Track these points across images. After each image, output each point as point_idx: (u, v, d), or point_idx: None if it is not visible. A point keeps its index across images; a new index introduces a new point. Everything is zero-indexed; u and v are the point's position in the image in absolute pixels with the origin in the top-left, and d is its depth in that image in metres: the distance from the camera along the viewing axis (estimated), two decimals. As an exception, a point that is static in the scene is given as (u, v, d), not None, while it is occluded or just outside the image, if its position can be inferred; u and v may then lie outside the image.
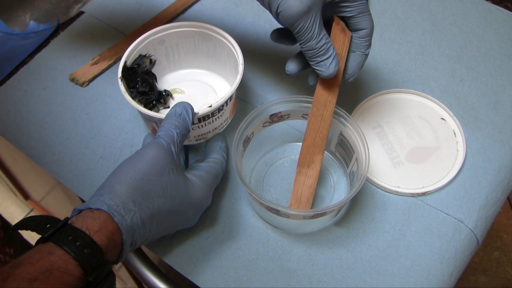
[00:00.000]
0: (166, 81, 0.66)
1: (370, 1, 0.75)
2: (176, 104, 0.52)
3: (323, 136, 0.54)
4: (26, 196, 1.39)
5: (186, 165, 0.60)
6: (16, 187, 1.31)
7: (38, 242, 0.43)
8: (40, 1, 0.76)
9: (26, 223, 0.45)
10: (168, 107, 0.63)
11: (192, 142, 0.59)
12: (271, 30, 0.72)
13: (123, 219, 0.45)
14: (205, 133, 0.58)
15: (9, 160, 1.10)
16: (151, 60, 0.63)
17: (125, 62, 0.59)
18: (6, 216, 1.49)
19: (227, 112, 0.58)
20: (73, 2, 0.76)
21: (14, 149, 0.64)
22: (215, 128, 0.58)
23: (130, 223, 0.45)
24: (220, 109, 0.55)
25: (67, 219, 0.45)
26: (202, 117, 0.54)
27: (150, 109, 0.61)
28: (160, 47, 0.62)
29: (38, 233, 0.43)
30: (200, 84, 0.65)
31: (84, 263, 0.41)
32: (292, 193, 0.55)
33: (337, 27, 0.55)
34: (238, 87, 0.56)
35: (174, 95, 0.64)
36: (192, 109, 0.52)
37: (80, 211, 0.45)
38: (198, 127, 0.56)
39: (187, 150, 0.61)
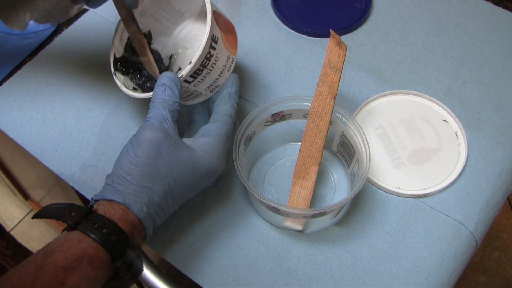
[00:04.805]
0: (172, 45, 0.63)
1: (374, 2, 0.75)
2: (159, 78, 0.51)
3: (318, 147, 0.54)
4: (26, 196, 1.39)
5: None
6: (16, 187, 1.31)
7: (65, 230, 0.45)
8: (40, 1, 0.76)
9: (49, 212, 0.46)
10: (180, 68, 0.62)
11: (209, 95, 0.57)
12: (275, 29, 0.72)
13: (139, 208, 0.46)
14: (212, 82, 0.55)
15: (9, 160, 1.11)
16: (144, 34, 0.60)
17: (114, 54, 0.58)
18: (6, 216, 1.49)
19: (223, 53, 0.54)
20: (73, 2, 0.76)
21: (14, 149, 0.64)
22: (221, 72, 0.55)
23: (147, 209, 0.46)
24: (208, 56, 0.52)
25: (91, 207, 0.46)
26: (195, 71, 0.52)
27: None
28: (145, 18, 0.60)
29: (64, 221, 0.45)
30: (202, 33, 0.61)
31: (112, 250, 0.43)
32: (288, 203, 0.55)
33: (333, 40, 0.56)
34: (239, 85, 0.55)
35: (180, 53, 0.62)
36: (175, 77, 0.51)
37: (96, 201, 0.47)
38: (199, 81, 0.53)
39: (206, 105, 0.59)
